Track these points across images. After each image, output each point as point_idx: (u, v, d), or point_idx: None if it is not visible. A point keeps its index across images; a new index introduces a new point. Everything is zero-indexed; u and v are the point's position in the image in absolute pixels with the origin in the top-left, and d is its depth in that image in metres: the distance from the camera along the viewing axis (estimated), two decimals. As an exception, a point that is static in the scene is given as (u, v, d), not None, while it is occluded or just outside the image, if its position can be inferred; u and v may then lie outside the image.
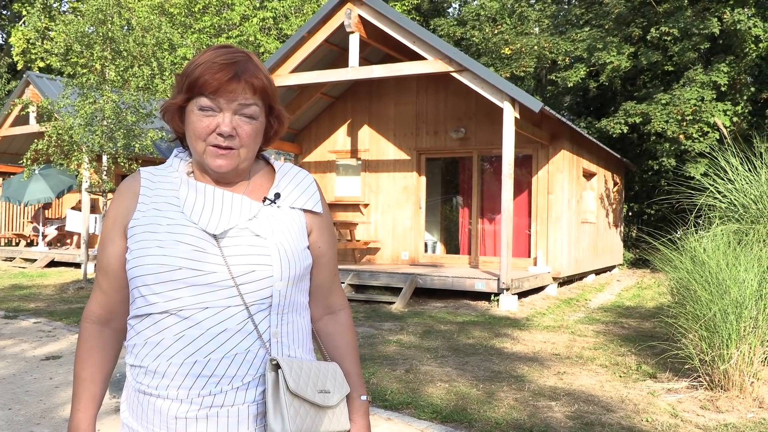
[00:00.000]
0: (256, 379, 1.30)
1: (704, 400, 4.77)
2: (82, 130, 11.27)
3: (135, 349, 1.32)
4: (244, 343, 1.29)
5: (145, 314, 1.30)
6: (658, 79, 16.82)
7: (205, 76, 1.29)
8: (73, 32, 11.65)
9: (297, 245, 1.37)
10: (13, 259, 15.73)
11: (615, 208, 15.20)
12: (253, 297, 1.30)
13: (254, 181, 1.42)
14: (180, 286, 1.27)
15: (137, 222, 1.34)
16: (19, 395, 4.72)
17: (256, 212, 1.35)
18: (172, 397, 1.27)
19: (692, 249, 5.38)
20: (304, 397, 1.30)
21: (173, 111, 1.37)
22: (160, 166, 1.44)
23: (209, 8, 21.27)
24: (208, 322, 1.27)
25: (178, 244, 1.29)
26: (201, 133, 1.31)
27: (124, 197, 1.38)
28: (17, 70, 29.56)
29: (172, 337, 1.27)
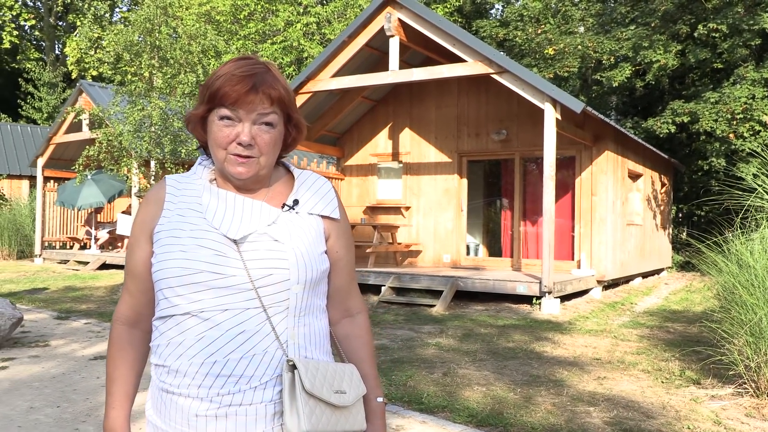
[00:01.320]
0: (273, 379, 1.34)
1: (749, 408, 4.63)
2: (131, 136, 11.60)
3: (159, 349, 1.38)
4: (262, 344, 1.33)
5: (168, 315, 1.36)
6: (707, 77, 16.37)
7: (225, 87, 1.34)
8: (122, 41, 12.01)
9: (314, 250, 1.42)
10: (67, 262, 16.29)
11: (663, 210, 14.85)
12: (271, 299, 1.35)
13: (274, 188, 1.47)
14: (201, 288, 1.32)
15: (162, 227, 1.40)
16: (67, 393, 4.89)
17: (275, 218, 1.40)
18: (193, 395, 1.32)
19: (738, 252, 5.24)
20: (319, 397, 1.33)
21: (196, 121, 1.43)
22: (185, 173, 1.50)
23: (254, 15, 21.63)
24: (227, 323, 1.32)
25: (199, 248, 1.34)
26: (222, 143, 1.36)
27: (151, 204, 1.45)
28: (72, 79, 30.61)
29: (194, 338, 1.32)
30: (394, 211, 12.86)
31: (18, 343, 6.73)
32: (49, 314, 8.64)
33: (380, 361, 6.02)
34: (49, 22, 31.68)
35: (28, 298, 10.14)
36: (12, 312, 6.49)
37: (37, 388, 5.04)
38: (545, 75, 17.35)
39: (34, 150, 20.90)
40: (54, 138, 16.48)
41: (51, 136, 16.50)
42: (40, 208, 17.01)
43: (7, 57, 31.93)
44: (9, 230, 17.56)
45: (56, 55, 33.02)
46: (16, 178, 20.82)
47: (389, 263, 12.37)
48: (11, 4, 28.54)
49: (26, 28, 32.83)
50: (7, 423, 4.19)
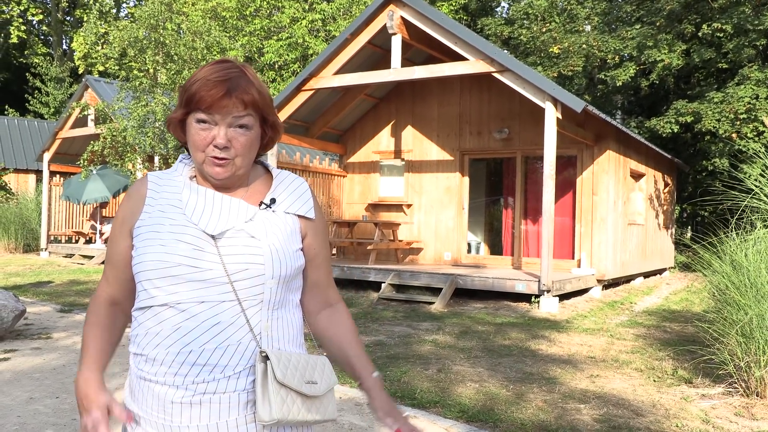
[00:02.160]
0: (246, 369, 1.40)
1: (739, 407, 4.67)
2: (135, 131, 11.70)
3: (137, 339, 1.44)
4: (236, 336, 1.39)
5: (147, 306, 1.42)
6: (712, 77, 16.35)
7: (201, 92, 1.39)
8: (127, 37, 12.10)
9: (289, 247, 1.48)
10: (72, 256, 16.42)
11: (666, 210, 14.85)
12: (246, 293, 1.41)
13: (252, 186, 1.53)
14: (179, 281, 1.38)
15: (143, 222, 1.46)
16: (67, 385, 4.97)
17: (252, 215, 1.46)
18: (169, 383, 1.38)
19: (732, 253, 5.27)
20: (290, 387, 1.39)
21: (175, 123, 1.49)
22: (166, 170, 1.56)
23: (260, 11, 21.70)
24: (203, 315, 1.38)
25: (178, 243, 1.40)
26: (200, 145, 1.42)
27: (132, 200, 1.51)
28: (79, 74, 30.78)
29: (170, 328, 1.38)
30: (396, 208, 12.92)
31: (21, 335, 6.83)
32: (52, 307, 8.74)
33: (376, 357, 6.08)
34: (56, 17, 31.84)
35: (32, 291, 10.25)
36: (15, 304, 6.58)
37: (37, 379, 5.12)
38: (549, 74, 17.35)
39: (41, 144, 21.04)
40: (60, 133, 16.60)
41: (57, 131, 16.62)
42: (46, 202, 17.15)
43: (15, 52, 32.12)
44: (15, 224, 17.70)
45: (63, 50, 33.19)
46: (23, 173, 20.98)
47: (390, 260, 12.43)
48: (19, -1, 28.71)
49: (34, 23, 33.01)
50: (6, 412, 4.27)
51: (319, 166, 13.16)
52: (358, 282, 11.05)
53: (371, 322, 8.04)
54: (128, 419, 1.43)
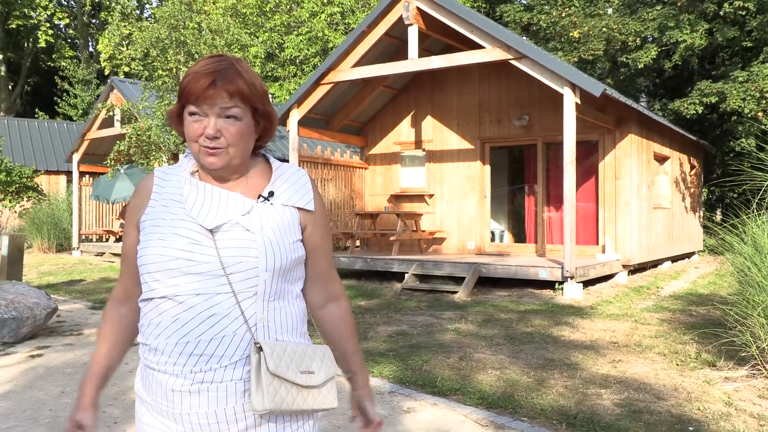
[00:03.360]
0: (243, 359, 1.44)
1: (762, 389, 4.64)
2: (159, 130, 11.88)
3: (143, 329, 1.52)
4: (231, 327, 1.44)
5: (149, 298, 1.49)
6: (737, 56, 16.03)
7: (190, 85, 1.45)
8: (149, 38, 12.28)
9: (285, 239, 1.51)
10: (103, 254, 16.76)
11: (693, 193, 14.65)
12: (240, 285, 1.45)
13: (253, 179, 1.57)
14: (177, 274, 1.44)
15: (147, 217, 1.53)
16: (96, 379, 5.12)
17: (249, 208, 1.50)
18: (169, 372, 1.45)
19: (753, 234, 5.22)
20: (284, 377, 1.44)
21: (174, 117, 1.55)
22: (173, 165, 1.63)
23: (280, 7, 21.81)
24: (199, 306, 1.44)
25: (176, 236, 1.46)
26: (192, 136, 1.47)
27: (139, 195, 1.58)
28: (105, 76, 31.28)
29: (169, 319, 1.45)
30: (418, 198, 12.94)
31: (53, 332, 7.03)
32: (84, 304, 8.96)
33: (399, 346, 6.15)
34: (82, 20, 32.36)
35: (65, 290, 10.51)
36: (47, 302, 6.78)
37: (69, 374, 5.29)
38: (570, 59, 17.17)
39: (70, 146, 21.47)
40: (88, 134, 16.92)
41: (85, 132, 16.94)
42: (76, 202, 17.51)
43: (43, 56, 32.75)
44: (48, 224, 18.10)
45: (90, 52, 33.73)
46: (54, 174, 21.43)
47: (414, 251, 12.48)
48: (45, 3, 29.22)
49: (61, 27, 33.58)
50: (39, 406, 4.43)
51: (341, 158, 13.24)
52: (381, 273, 11.12)
53: (394, 312, 8.10)
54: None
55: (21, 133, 21.87)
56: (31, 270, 13.61)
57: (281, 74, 21.37)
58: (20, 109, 32.15)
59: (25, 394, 4.73)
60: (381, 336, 6.66)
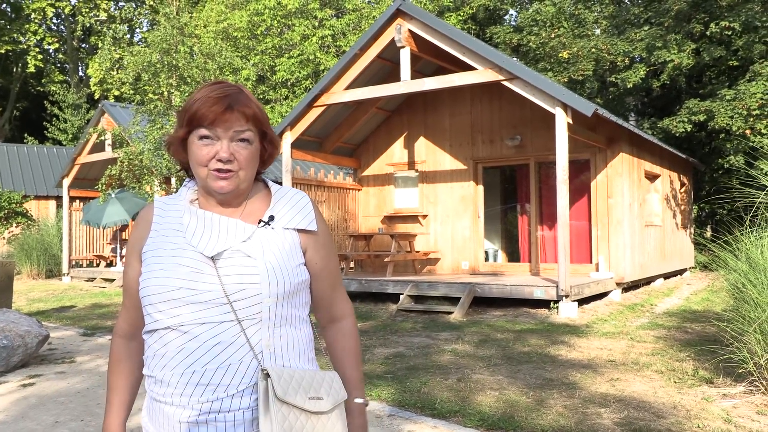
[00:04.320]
0: (249, 387, 1.43)
1: (761, 405, 4.64)
2: (151, 154, 11.86)
3: (147, 361, 1.50)
4: (237, 355, 1.43)
5: (152, 330, 1.47)
6: (724, 74, 16.24)
7: (203, 110, 1.45)
8: (141, 62, 12.31)
9: (288, 263, 1.50)
10: (93, 279, 16.63)
11: (683, 210, 14.75)
12: (244, 312, 1.44)
13: (252, 204, 1.56)
14: (180, 304, 1.43)
15: (148, 248, 1.52)
16: (91, 407, 5.06)
17: (249, 234, 1.49)
18: (176, 403, 1.43)
19: (747, 250, 5.25)
20: (292, 404, 1.41)
21: (177, 144, 1.53)
22: (172, 195, 1.63)
23: (271, 30, 21.95)
24: (204, 335, 1.42)
25: (178, 266, 1.45)
26: (203, 161, 1.47)
27: (140, 226, 1.58)
28: (95, 100, 31.27)
29: (174, 350, 1.43)
30: (412, 219, 12.96)
31: (45, 359, 6.94)
32: (75, 331, 8.87)
33: (396, 368, 6.11)
34: (71, 45, 32.43)
35: (55, 316, 10.40)
36: (39, 330, 6.70)
37: (62, 403, 5.21)
38: (560, 79, 17.34)
39: (60, 171, 21.39)
40: (78, 158, 16.88)
41: (75, 156, 16.89)
42: (66, 227, 17.40)
43: (32, 81, 32.73)
44: (37, 250, 17.97)
45: (80, 76, 33.76)
46: (43, 199, 21.31)
47: (408, 272, 12.46)
48: (35, 28, 29.28)
49: (50, 52, 33.63)
50: (33, 436, 4.36)
51: (334, 180, 13.26)
52: (376, 294, 11.08)
53: (391, 334, 8.07)
54: None
55: (10, 158, 21.78)
56: (21, 297, 13.47)
57: (273, 97, 21.47)
58: (9, 135, 32.05)
59: (18, 424, 4.66)
60: (378, 358, 6.62)
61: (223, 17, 22.24)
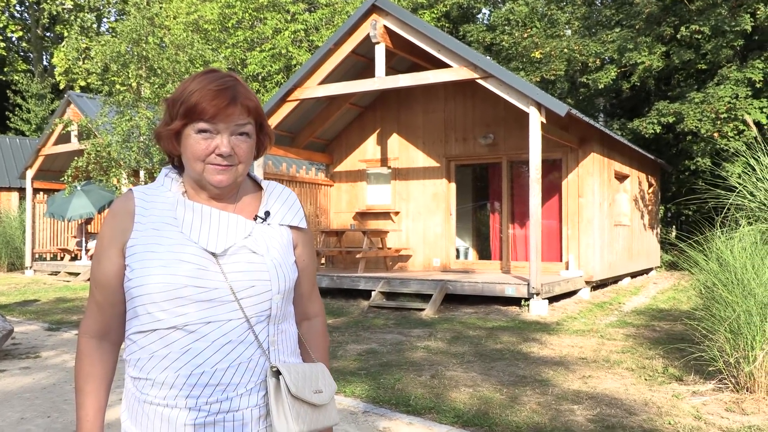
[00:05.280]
0: (257, 385, 1.41)
1: (729, 402, 4.72)
2: (120, 146, 11.63)
3: (140, 363, 1.40)
4: (246, 353, 1.40)
5: (151, 330, 1.38)
6: (692, 77, 16.55)
7: (203, 103, 1.38)
8: (109, 52, 12.06)
9: (287, 260, 1.49)
10: (58, 273, 16.27)
11: (651, 210, 14.99)
12: (253, 310, 1.41)
13: (243, 199, 1.52)
14: (185, 302, 1.36)
15: (136, 241, 1.41)
16: (58, 404, 4.93)
17: (250, 230, 1.45)
18: (180, 405, 1.36)
19: (717, 250, 5.33)
20: (303, 399, 1.41)
21: (170, 136, 1.45)
22: (151, 185, 1.53)
23: (242, 23, 21.70)
24: (213, 335, 1.37)
25: (181, 263, 1.37)
26: (200, 155, 1.40)
27: (119, 217, 1.45)
28: (60, 90, 30.59)
29: (179, 351, 1.36)
30: (384, 216, 12.93)
31: (9, 355, 6.75)
32: (39, 326, 8.65)
33: (369, 365, 6.09)
34: (36, 33, 31.66)
35: (18, 311, 10.14)
36: (2, 324, 6.51)
37: (27, 399, 5.07)
38: (532, 79, 17.48)
39: (24, 162, 20.87)
40: (43, 150, 16.48)
41: (40, 147, 16.49)
42: (29, 219, 16.99)
43: (-6, 69, 31.86)
44: (-1, 243, 17.54)
45: (44, 66, 32.99)
46: (5, 191, 20.78)
47: (379, 268, 12.44)
48: (-2, 16, 28.52)
49: (13, 40, 32.78)
50: (-3, 433, 4.23)
51: (306, 176, 13.17)
52: (348, 291, 11.04)
53: (363, 331, 8.04)
54: None
55: (-28, 149, 21.19)
56: (-17, 290, 13.12)
57: (244, 90, 21.25)
58: (-30, 124, 31.20)
59: (-18, 420, 4.52)
60: (351, 355, 6.58)
61: (193, 9, 21.92)
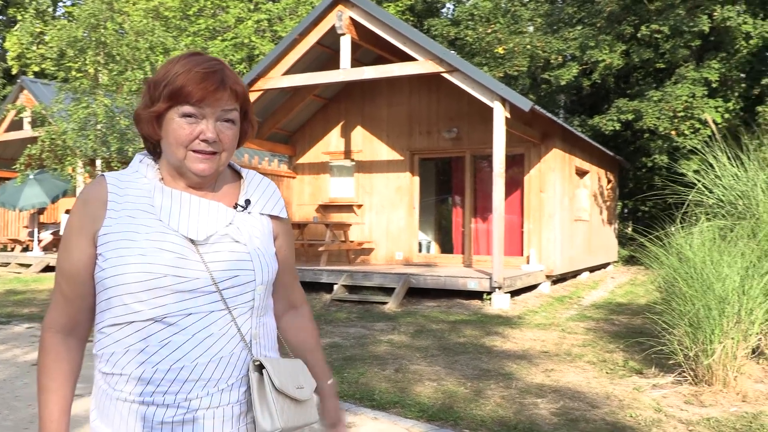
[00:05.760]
0: (239, 380, 1.35)
1: (688, 395, 4.81)
2: (75, 134, 11.31)
3: (114, 358, 1.32)
4: (228, 347, 1.33)
5: (126, 322, 1.30)
6: (650, 76, 16.88)
7: (190, 86, 1.31)
8: (65, 37, 11.70)
9: (269, 250, 1.44)
10: (8, 265, 15.77)
11: (609, 206, 15.25)
12: (235, 301, 1.35)
13: (222, 187, 1.45)
14: (165, 293, 1.29)
15: (110, 229, 1.33)
16: (8, 400, 4.76)
17: (231, 218, 1.39)
18: (158, 402, 1.28)
19: (678, 245, 5.43)
20: (287, 394, 1.36)
21: (151, 119, 1.37)
22: (124, 171, 1.44)
23: (204, 11, 21.31)
24: (193, 327, 1.30)
25: (160, 251, 1.30)
26: (183, 140, 1.33)
27: (90, 204, 1.36)
28: (12, 75, 29.61)
29: (157, 344, 1.29)
30: (347, 209, 12.87)
31: (-43, 348, 6.51)
32: (-10, 318, 8.36)
33: (332, 359, 6.03)
34: (-13, 17, 30.56)
35: (-33, 303, 9.79)
36: (-50, 317, 6.27)
37: (-23, 394, 4.88)
38: (495, 74, 17.59)
39: (-27, 149, 20.15)
40: (-6, 136, 15.94)
41: (-9, 134, 15.96)
42: (-21, 209, 16.43)
43: (-58, 52, 30.67)
44: (-53, 232, 16.92)
45: (-4, 50, 31.88)
46: (-47, 178, 20.05)
47: (342, 261, 12.38)
48: (-53, -3, 27.45)
49: (-37, 23, 31.60)
50: (-55, 431, 4.06)
51: (268, 167, 13.01)
52: (310, 284, 10.94)
53: (325, 324, 7.98)
54: None
55: None
56: (-71, 281, 12.63)
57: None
58: None
59: (-72, 417, 4.33)
60: (314, 348, 6.52)
61: (153, -5, 21.43)
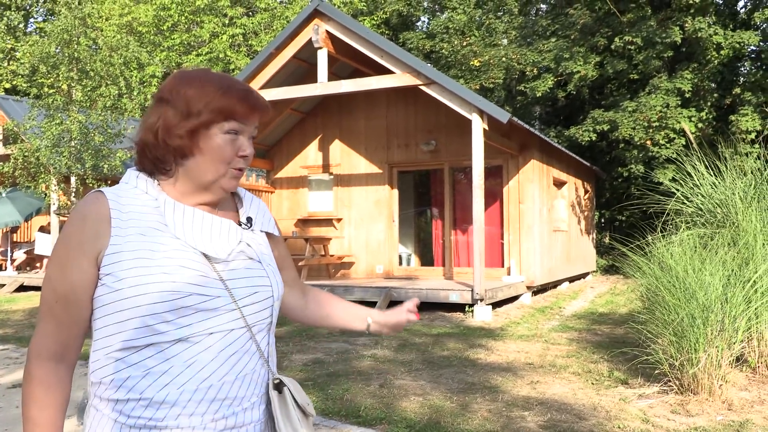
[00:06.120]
0: (259, 398, 1.37)
1: (675, 404, 4.81)
2: (49, 151, 11.13)
3: (129, 382, 1.26)
4: (250, 364, 1.34)
5: (145, 344, 1.25)
6: (624, 87, 17.11)
7: (241, 102, 1.33)
8: (38, 53, 11.53)
9: (276, 266, 1.47)
10: (-20, 285, 15.40)
11: (587, 216, 15.37)
12: (254, 318, 1.35)
13: (222, 204, 1.44)
14: (189, 312, 1.26)
15: (120, 248, 1.26)
16: (-18, 425, 4.60)
17: (241, 236, 1.40)
18: (184, 425, 1.26)
19: (660, 255, 5.45)
20: (305, 411, 1.40)
21: (187, 134, 1.32)
22: (118, 186, 1.37)
23: (178, 26, 21.20)
24: (217, 346, 1.29)
25: (183, 269, 1.26)
26: (227, 157, 1.33)
27: (90, 221, 1.28)
28: (-17, 92, 29.15)
29: (182, 364, 1.26)
30: (326, 223, 12.80)
31: (-74, 373, 6.30)
32: (-39, 341, 8.13)
33: (315, 375, 5.95)
34: (-44, 33, 30.12)
35: (-63, 325, 9.52)
36: None
37: (-52, 421, 4.72)
38: (471, 86, 17.70)
39: (-58, 167, 19.74)
40: (-36, 154, 15.61)
41: (-39, 152, 15.62)
42: (-51, 228, 16.04)
43: None
44: None
45: (-35, 67, 31.40)
46: None
47: (322, 276, 12.29)
48: None
49: (-69, 39, 31.09)
50: None
51: (246, 182, 12.90)
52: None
53: (307, 340, 7.88)
54: None
55: None
56: None
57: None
58: None
59: None
60: (297, 365, 6.43)
61: (126, 10, 21.29)
